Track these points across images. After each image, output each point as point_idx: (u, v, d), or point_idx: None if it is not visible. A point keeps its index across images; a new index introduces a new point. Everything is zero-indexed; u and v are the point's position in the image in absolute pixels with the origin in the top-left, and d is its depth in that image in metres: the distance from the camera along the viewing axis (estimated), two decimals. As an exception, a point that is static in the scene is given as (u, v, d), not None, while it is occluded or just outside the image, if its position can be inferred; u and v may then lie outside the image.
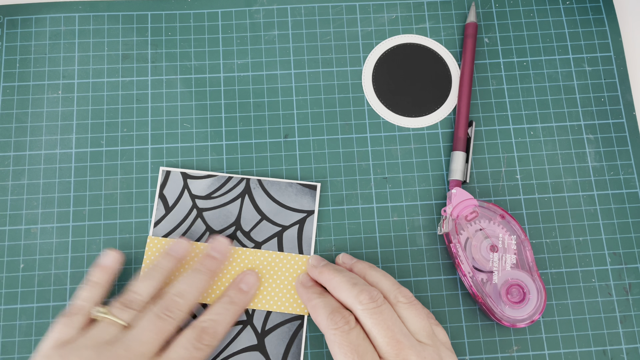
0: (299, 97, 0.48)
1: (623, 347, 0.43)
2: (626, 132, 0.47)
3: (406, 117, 0.47)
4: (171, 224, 0.44)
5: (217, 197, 0.45)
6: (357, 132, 0.47)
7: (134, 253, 0.44)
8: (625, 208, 0.46)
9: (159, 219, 0.44)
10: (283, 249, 0.44)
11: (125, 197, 0.45)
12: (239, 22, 0.49)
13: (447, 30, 0.49)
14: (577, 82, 0.48)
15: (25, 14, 0.49)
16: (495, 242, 0.42)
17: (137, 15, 0.49)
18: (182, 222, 0.44)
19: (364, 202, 0.46)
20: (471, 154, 0.46)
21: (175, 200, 0.44)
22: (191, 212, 0.44)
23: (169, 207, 0.44)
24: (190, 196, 0.44)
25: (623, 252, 0.45)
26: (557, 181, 0.46)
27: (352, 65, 0.49)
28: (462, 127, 0.46)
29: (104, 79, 0.48)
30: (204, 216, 0.44)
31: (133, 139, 0.47)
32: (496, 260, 0.42)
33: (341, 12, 0.50)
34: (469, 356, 0.43)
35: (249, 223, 0.44)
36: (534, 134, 0.47)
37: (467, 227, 0.42)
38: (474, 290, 0.41)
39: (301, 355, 0.42)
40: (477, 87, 0.48)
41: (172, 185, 0.45)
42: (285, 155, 0.46)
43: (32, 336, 0.43)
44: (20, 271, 0.44)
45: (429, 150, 0.47)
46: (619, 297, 0.44)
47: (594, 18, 0.50)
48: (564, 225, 0.45)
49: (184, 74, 0.48)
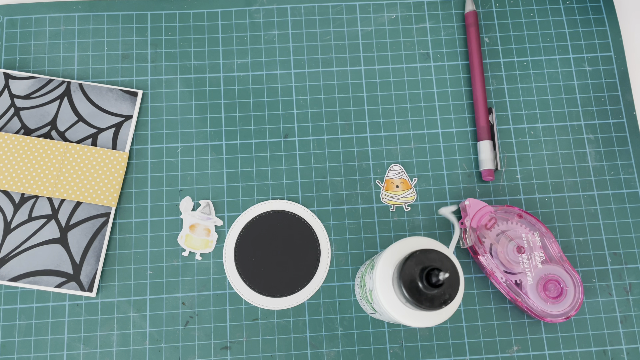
0: (299, 97, 0.48)
1: (623, 347, 0.43)
2: (626, 132, 0.47)
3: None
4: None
5: (37, 98, 0.45)
6: (357, 132, 0.47)
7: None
8: (625, 208, 0.46)
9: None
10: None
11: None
12: (238, 21, 0.49)
13: (447, 30, 0.49)
14: (577, 82, 0.48)
15: (25, 14, 0.49)
16: (520, 243, 0.42)
17: (137, 15, 0.49)
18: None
19: (364, 202, 0.46)
20: (497, 140, 0.46)
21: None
22: (8, 110, 0.45)
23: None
24: (10, 95, 0.45)
25: (623, 252, 0.45)
26: (557, 181, 0.46)
27: (352, 65, 0.48)
28: (482, 116, 0.46)
29: (104, 79, 0.48)
30: (21, 115, 0.45)
31: (133, 138, 0.47)
32: (526, 261, 0.42)
33: (341, 11, 0.50)
34: (469, 356, 0.43)
35: (65, 123, 0.45)
36: (534, 133, 0.47)
37: (488, 234, 0.42)
38: (513, 295, 0.41)
39: (103, 250, 0.43)
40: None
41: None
42: (285, 155, 0.46)
43: (32, 336, 0.43)
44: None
45: (429, 151, 0.47)
46: (619, 297, 0.44)
47: (594, 18, 0.50)
48: (564, 225, 0.45)
49: (183, 74, 0.48)
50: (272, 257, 0.44)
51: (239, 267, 0.44)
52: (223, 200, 0.45)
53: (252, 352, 0.43)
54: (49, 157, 0.44)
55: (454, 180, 0.46)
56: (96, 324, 0.43)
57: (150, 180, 0.46)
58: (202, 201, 0.45)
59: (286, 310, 0.43)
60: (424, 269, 0.31)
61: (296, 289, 0.43)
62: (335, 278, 0.44)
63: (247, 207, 0.45)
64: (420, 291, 0.31)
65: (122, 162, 0.45)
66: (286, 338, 0.43)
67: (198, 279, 0.44)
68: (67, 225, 0.43)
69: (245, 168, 0.46)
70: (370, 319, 0.43)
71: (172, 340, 0.43)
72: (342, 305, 0.43)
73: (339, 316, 0.43)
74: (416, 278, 0.31)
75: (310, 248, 0.44)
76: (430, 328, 0.43)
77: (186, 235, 0.44)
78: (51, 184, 0.43)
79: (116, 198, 0.44)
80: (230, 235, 0.45)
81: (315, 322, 0.43)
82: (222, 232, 0.45)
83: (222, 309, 0.43)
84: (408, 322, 0.33)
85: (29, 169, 0.44)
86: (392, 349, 0.43)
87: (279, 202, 0.45)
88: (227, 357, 0.42)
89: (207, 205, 0.45)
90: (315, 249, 0.44)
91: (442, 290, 0.31)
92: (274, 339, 0.43)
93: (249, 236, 0.44)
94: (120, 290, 0.43)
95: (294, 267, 0.44)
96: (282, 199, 0.45)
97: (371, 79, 0.48)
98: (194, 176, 0.46)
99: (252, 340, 0.43)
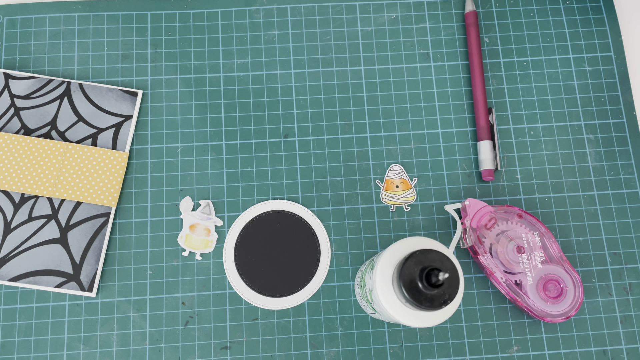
0: (299, 97, 0.48)
1: (623, 347, 0.43)
2: (626, 132, 0.47)
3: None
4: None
5: (37, 98, 0.45)
6: (357, 132, 0.47)
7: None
8: (625, 208, 0.46)
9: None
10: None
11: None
12: (238, 21, 0.49)
13: (447, 30, 0.49)
14: (577, 82, 0.48)
15: (25, 14, 0.49)
16: (520, 243, 0.42)
17: (137, 15, 0.49)
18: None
19: (364, 202, 0.46)
20: (497, 140, 0.46)
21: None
22: (8, 110, 0.45)
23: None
24: (10, 95, 0.45)
25: (623, 252, 0.45)
26: (557, 181, 0.46)
27: (352, 65, 0.48)
28: (482, 116, 0.46)
29: (104, 79, 0.48)
30: (21, 115, 0.45)
31: (133, 138, 0.47)
32: (526, 261, 0.42)
33: (341, 11, 0.50)
34: (469, 356, 0.43)
35: (65, 123, 0.45)
36: (534, 133, 0.47)
37: (488, 234, 0.42)
38: (512, 295, 0.41)
39: (103, 250, 0.43)
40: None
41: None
42: (285, 155, 0.46)
43: (32, 336, 0.43)
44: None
45: (429, 151, 0.47)
46: (619, 297, 0.44)
47: (594, 18, 0.50)
48: (564, 225, 0.45)
49: (183, 74, 0.48)
50: (272, 257, 0.44)
51: (239, 267, 0.44)
52: (223, 200, 0.45)
53: (252, 352, 0.43)
54: (49, 157, 0.44)
55: (454, 180, 0.46)
56: (96, 324, 0.43)
57: (150, 180, 0.46)
58: (202, 201, 0.45)
59: (286, 310, 0.43)
60: (424, 269, 0.31)
61: (296, 289, 0.43)
62: (335, 278, 0.44)
63: (247, 207, 0.45)
64: (420, 291, 0.31)
65: (122, 162, 0.45)
66: (286, 338, 0.43)
67: (198, 279, 0.44)
68: (67, 225, 0.43)
69: (245, 168, 0.46)
70: (370, 319, 0.43)
71: (172, 340, 0.43)
72: (342, 305, 0.43)
73: (339, 316, 0.43)
74: (416, 278, 0.31)
75: (310, 248, 0.44)
76: (430, 328, 0.43)
77: (186, 235, 0.45)
78: (51, 184, 0.43)
79: (116, 198, 0.44)
80: (230, 235, 0.45)
81: (315, 322, 0.43)
82: (222, 232, 0.45)
83: (222, 309, 0.43)
84: (408, 322, 0.33)
85: (29, 169, 0.44)
86: (392, 349, 0.43)
87: (279, 202, 0.45)
88: (227, 357, 0.42)
89: (207, 205, 0.45)
90: (315, 249, 0.44)
91: (442, 290, 0.31)
92: (274, 339, 0.43)
93: (249, 236, 0.44)
94: (120, 290, 0.43)
95: (294, 267, 0.44)
96: (282, 199, 0.45)
97: (371, 79, 0.48)
98: (194, 176, 0.46)
99: (252, 340, 0.43)
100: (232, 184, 0.46)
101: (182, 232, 0.45)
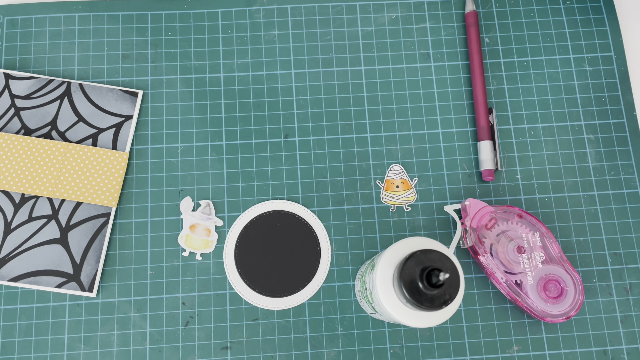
0: (299, 97, 0.48)
1: (624, 347, 0.43)
2: (627, 132, 0.47)
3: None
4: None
5: (37, 98, 0.45)
6: (357, 132, 0.47)
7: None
8: (625, 208, 0.46)
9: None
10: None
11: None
12: (239, 21, 0.49)
13: (447, 30, 0.49)
14: (577, 82, 0.48)
15: (25, 14, 0.49)
16: (520, 243, 0.42)
17: (137, 15, 0.49)
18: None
19: (364, 202, 0.46)
20: (497, 140, 0.46)
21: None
22: (8, 110, 0.45)
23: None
24: (10, 95, 0.45)
25: (624, 252, 0.45)
26: (557, 181, 0.46)
27: (352, 65, 0.48)
28: (482, 116, 0.46)
29: (104, 79, 0.48)
30: (21, 115, 0.45)
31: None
32: (526, 261, 0.42)
33: (341, 11, 0.50)
34: (469, 356, 0.43)
35: (65, 123, 0.45)
36: (535, 134, 0.47)
37: (488, 234, 0.42)
38: (513, 295, 0.41)
39: (103, 250, 0.43)
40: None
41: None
42: (285, 155, 0.46)
43: (32, 336, 0.43)
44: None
45: (429, 151, 0.47)
46: (619, 297, 0.44)
47: (594, 18, 0.50)
48: (564, 225, 0.45)
49: (184, 74, 0.48)
50: (273, 257, 0.44)
51: (239, 267, 0.44)
52: (223, 200, 0.45)
53: (253, 352, 0.43)
54: (49, 158, 0.44)
55: (454, 180, 0.46)
56: (96, 324, 0.43)
57: (151, 180, 0.46)
58: (203, 201, 0.45)
59: (286, 311, 0.43)
60: (424, 269, 0.31)
61: (296, 289, 0.43)
62: (335, 278, 0.44)
63: (248, 207, 0.45)
64: (421, 291, 0.31)
65: (123, 162, 0.45)
66: (286, 338, 0.43)
67: (198, 279, 0.44)
68: (67, 225, 0.43)
69: (246, 168, 0.46)
70: (371, 319, 0.43)
71: (173, 340, 0.43)
72: (343, 305, 0.43)
73: (339, 316, 0.43)
74: (416, 278, 0.31)
75: (310, 248, 0.44)
76: (431, 328, 0.43)
77: (186, 236, 0.45)
78: (51, 184, 0.43)
79: (116, 198, 0.44)
80: (231, 236, 0.45)
81: (315, 322, 0.43)
82: (223, 232, 0.45)
83: (223, 309, 0.43)
84: (408, 322, 0.33)
85: (29, 169, 0.44)
86: (393, 349, 0.43)
87: (279, 202, 0.45)
88: (227, 357, 0.42)
89: (207, 206, 0.45)
90: (316, 249, 0.44)
91: (443, 290, 0.31)
92: (274, 339, 0.43)
93: (249, 236, 0.44)
94: (121, 291, 0.43)
95: (294, 267, 0.44)
96: (282, 199, 0.45)
97: (371, 79, 0.48)
98: (194, 176, 0.46)
99: (253, 340, 0.43)
100: (232, 184, 0.46)
101: (182, 232, 0.45)
